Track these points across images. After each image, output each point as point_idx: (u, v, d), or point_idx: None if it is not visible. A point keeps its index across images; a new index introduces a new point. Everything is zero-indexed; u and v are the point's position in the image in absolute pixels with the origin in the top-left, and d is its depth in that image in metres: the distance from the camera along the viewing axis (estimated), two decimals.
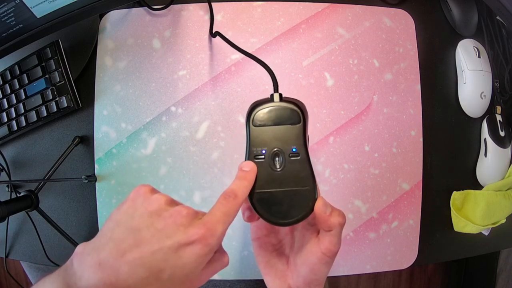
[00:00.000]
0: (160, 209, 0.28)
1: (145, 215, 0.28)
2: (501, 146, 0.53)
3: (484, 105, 0.53)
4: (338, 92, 0.52)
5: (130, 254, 0.26)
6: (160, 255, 0.26)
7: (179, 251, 0.26)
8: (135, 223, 0.27)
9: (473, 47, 0.53)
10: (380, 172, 0.52)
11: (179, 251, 0.26)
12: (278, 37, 0.52)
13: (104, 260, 0.26)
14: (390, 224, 0.52)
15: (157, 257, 0.26)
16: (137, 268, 0.26)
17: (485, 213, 0.52)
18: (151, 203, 0.28)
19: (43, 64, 0.51)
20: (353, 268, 0.52)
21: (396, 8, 0.53)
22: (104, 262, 0.26)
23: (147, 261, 0.26)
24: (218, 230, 0.27)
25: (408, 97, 0.52)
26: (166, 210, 0.28)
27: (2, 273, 1.29)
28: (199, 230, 0.27)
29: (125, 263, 0.26)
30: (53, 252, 0.53)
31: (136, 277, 0.26)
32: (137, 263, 0.26)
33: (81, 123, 0.52)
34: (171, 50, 0.52)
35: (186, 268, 0.27)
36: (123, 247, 0.26)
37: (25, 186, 0.53)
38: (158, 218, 0.27)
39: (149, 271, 0.26)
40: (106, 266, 0.25)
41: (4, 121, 0.53)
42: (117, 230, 0.27)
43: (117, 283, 0.25)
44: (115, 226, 0.28)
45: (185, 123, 0.51)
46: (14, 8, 0.39)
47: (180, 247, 0.26)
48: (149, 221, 0.27)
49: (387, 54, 0.52)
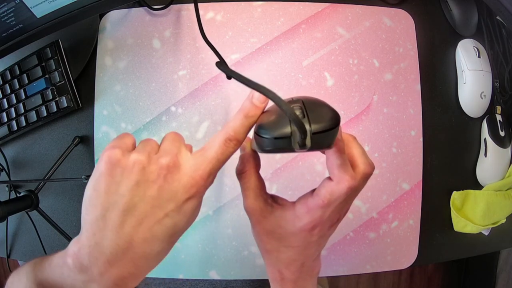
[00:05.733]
0: (145, 173, 0.24)
1: (132, 186, 0.24)
2: (501, 146, 0.53)
3: (484, 105, 0.53)
4: (338, 92, 0.52)
5: (138, 236, 0.24)
6: (167, 221, 0.25)
7: (182, 208, 0.25)
8: (126, 200, 0.24)
9: (473, 47, 0.53)
10: (380, 172, 0.52)
11: (182, 208, 0.25)
12: (278, 37, 0.52)
13: (112, 255, 0.24)
14: (390, 224, 0.52)
15: (166, 224, 0.25)
16: (151, 245, 0.25)
17: (485, 213, 0.52)
18: (133, 171, 0.24)
19: (43, 64, 0.51)
20: (353, 268, 0.52)
21: (396, 8, 0.53)
22: (113, 258, 0.24)
23: (158, 233, 0.25)
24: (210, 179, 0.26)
25: (408, 97, 0.52)
26: (151, 172, 0.24)
27: (2, 273, 1.29)
28: (195, 182, 0.25)
29: (137, 246, 0.24)
30: (53, 252, 0.53)
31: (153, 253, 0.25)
32: (149, 241, 0.24)
33: (81, 123, 0.52)
34: (171, 50, 0.52)
35: (190, 220, 0.26)
36: (126, 232, 0.24)
37: (25, 186, 0.53)
38: (148, 184, 0.24)
39: (163, 241, 0.25)
40: (118, 261, 0.24)
41: (4, 121, 0.53)
42: (110, 215, 0.24)
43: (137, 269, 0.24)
44: (104, 211, 0.24)
45: (185, 123, 0.51)
46: (14, 8, 0.39)
47: (182, 204, 0.25)
48: (140, 192, 0.24)
49: (387, 54, 0.52)
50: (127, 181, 0.24)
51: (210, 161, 0.26)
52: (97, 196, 0.24)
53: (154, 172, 0.24)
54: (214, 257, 0.51)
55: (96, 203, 0.24)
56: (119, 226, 0.24)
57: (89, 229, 0.24)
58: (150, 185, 0.24)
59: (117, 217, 0.24)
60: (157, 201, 0.24)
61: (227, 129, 0.26)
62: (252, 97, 0.26)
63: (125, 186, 0.24)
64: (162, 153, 0.25)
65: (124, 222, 0.24)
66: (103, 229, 0.24)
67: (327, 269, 0.52)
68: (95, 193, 0.24)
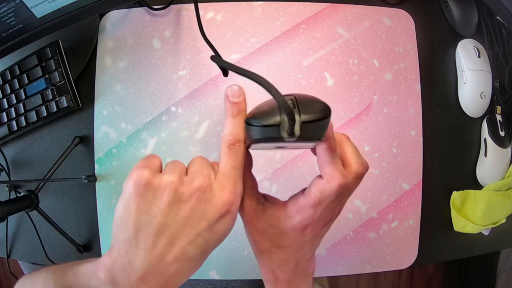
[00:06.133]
0: (176, 194, 0.25)
1: (165, 207, 0.24)
2: (501, 146, 0.53)
3: (484, 105, 0.53)
4: (338, 92, 0.52)
5: (170, 255, 0.25)
6: (199, 240, 0.25)
7: (214, 227, 0.25)
8: (158, 220, 0.24)
9: (473, 47, 0.53)
10: (380, 172, 0.52)
11: (214, 227, 0.26)
12: (278, 37, 0.52)
13: (145, 272, 0.24)
14: (390, 224, 0.52)
15: (198, 244, 0.25)
16: (183, 264, 0.25)
17: (485, 213, 0.52)
18: (165, 191, 0.24)
19: (43, 64, 0.51)
20: (353, 268, 0.52)
21: (396, 8, 0.53)
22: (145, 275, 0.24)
23: (190, 252, 0.25)
24: (239, 189, 0.26)
25: (408, 97, 0.52)
26: (182, 193, 0.25)
27: (2, 273, 1.29)
28: (226, 200, 0.25)
29: (169, 265, 0.25)
30: (53, 252, 0.53)
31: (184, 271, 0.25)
32: (181, 260, 0.25)
33: (81, 123, 0.52)
34: (171, 50, 0.52)
35: (222, 237, 0.26)
36: (159, 251, 0.24)
37: (25, 186, 0.53)
38: (180, 205, 0.25)
39: (194, 260, 0.25)
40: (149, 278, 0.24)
41: (4, 121, 0.53)
42: (142, 235, 0.24)
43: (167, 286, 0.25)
44: (136, 231, 0.24)
45: (185, 123, 0.51)
46: (14, 8, 0.39)
47: (215, 223, 0.25)
48: (172, 212, 0.24)
49: (387, 54, 0.52)
50: (159, 201, 0.24)
51: (229, 174, 0.26)
52: (128, 216, 0.25)
53: (186, 193, 0.25)
54: (214, 257, 0.51)
55: (128, 223, 0.25)
56: (152, 246, 0.24)
57: (121, 247, 0.25)
58: (182, 205, 0.25)
59: (149, 237, 0.24)
60: (189, 221, 0.25)
61: (224, 137, 0.27)
62: (227, 96, 0.27)
63: (156, 206, 0.24)
64: (194, 175, 0.26)
65: (156, 242, 0.24)
66: (136, 248, 0.24)
67: (327, 269, 0.52)
68: (126, 213, 0.25)
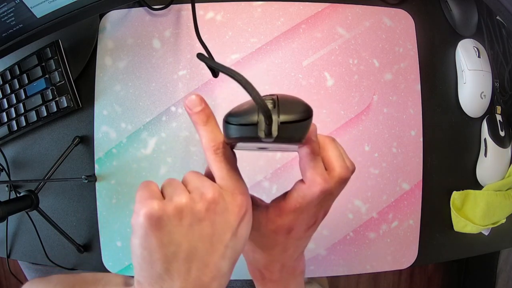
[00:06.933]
0: (194, 213, 0.24)
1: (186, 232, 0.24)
2: (501, 146, 0.53)
3: (484, 105, 0.53)
4: (338, 92, 0.52)
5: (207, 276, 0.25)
6: (228, 252, 0.25)
7: (237, 233, 0.26)
8: (185, 247, 0.24)
9: (473, 47, 0.53)
10: (380, 172, 0.52)
11: (238, 233, 0.26)
12: (278, 37, 0.52)
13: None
14: (390, 224, 0.52)
15: (228, 256, 0.25)
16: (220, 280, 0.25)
17: (485, 213, 0.52)
18: (181, 216, 0.24)
19: (43, 64, 0.51)
20: (353, 268, 0.52)
21: (396, 8, 0.53)
22: None
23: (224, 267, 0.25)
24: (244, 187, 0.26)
25: (408, 97, 0.52)
26: (199, 211, 0.24)
27: (2, 273, 1.29)
28: (241, 202, 0.26)
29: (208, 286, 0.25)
30: (53, 252, 0.53)
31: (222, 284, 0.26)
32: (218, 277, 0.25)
33: (81, 123, 0.52)
34: (171, 50, 0.52)
35: (246, 240, 0.27)
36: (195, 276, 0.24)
37: (25, 186, 0.53)
38: (200, 224, 0.24)
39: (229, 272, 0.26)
40: None
41: (4, 121, 0.53)
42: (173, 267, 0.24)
43: None
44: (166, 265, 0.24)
45: (185, 123, 0.51)
46: (14, 8, 0.39)
47: (237, 229, 0.26)
48: (196, 234, 0.24)
49: (387, 54, 0.52)
50: (179, 228, 0.24)
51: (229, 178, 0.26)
52: (151, 253, 0.24)
53: (202, 210, 0.24)
54: None
55: (153, 260, 0.24)
56: (186, 274, 0.24)
57: (154, 284, 0.24)
58: (203, 223, 0.24)
59: (181, 266, 0.24)
60: (214, 237, 0.24)
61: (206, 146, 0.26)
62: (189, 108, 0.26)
63: (178, 233, 0.24)
64: (200, 189, 0.25)
65: (190, 268, 0.24)
66: (172, 281, 0.24)
67: (327, 269, 0.52)
68: (147, 251, 0.24)
